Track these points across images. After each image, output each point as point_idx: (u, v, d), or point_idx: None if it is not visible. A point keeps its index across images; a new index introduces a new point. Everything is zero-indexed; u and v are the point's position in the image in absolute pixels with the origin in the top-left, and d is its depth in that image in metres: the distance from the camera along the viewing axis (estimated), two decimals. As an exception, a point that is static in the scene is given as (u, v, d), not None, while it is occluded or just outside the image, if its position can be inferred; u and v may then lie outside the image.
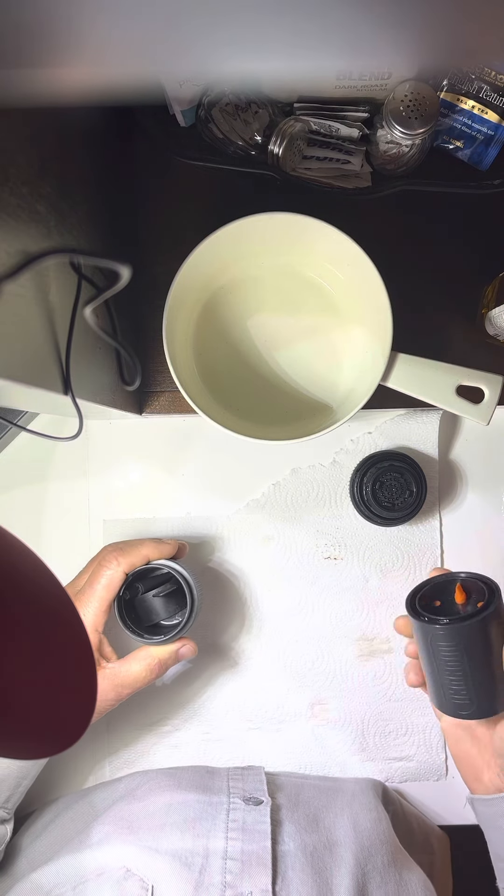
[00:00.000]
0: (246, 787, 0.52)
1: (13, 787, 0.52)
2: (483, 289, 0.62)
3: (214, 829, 0.48)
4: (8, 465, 0.65)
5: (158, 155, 0.61)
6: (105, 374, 0.53)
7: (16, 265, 0.35)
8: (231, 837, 0.47)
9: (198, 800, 0.51)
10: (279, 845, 0.47)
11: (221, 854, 0.46)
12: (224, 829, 0.48)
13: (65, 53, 0.19)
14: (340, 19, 0.18)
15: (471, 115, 0.59)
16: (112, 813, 0.51)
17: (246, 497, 0.65)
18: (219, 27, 0.18)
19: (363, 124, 0.59)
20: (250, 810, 0.49)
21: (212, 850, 0.46)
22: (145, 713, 0.63)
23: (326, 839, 0.49)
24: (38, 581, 0.30)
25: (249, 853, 0.46)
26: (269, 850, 0.46)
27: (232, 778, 0.53)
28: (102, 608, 0.52)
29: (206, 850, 0.46)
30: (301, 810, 0.51)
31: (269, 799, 0.51)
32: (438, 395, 0.54)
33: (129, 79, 0.21)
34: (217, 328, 0.61)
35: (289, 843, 0.47)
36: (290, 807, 0.51)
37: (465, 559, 0.65)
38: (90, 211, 0.51)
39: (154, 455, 0.66)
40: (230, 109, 0.56)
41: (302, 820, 0.49)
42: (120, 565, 0.53)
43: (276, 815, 0.49)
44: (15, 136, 0.38)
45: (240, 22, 0.18)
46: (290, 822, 0.49)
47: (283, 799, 0.52)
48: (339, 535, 0.65)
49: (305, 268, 0.61)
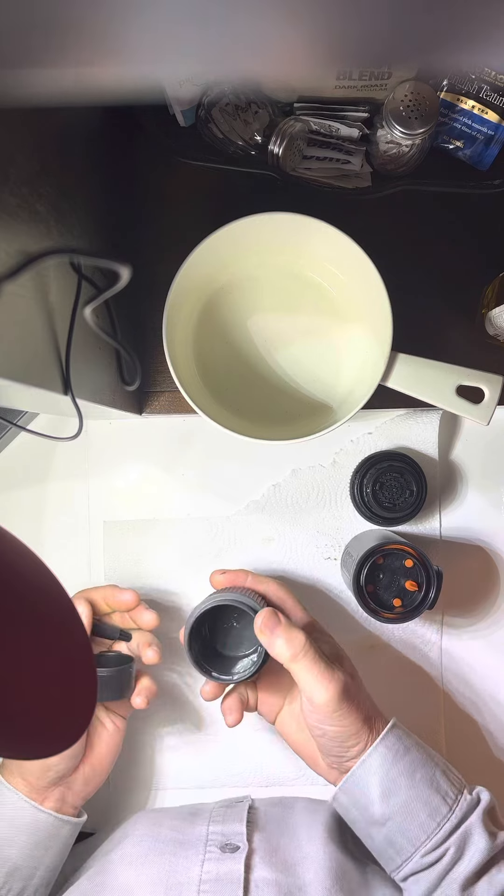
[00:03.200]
0: (225, 830, 0.52)
1: (27, 878, 0.51)
2: (483, 289, 0.62)
3: (188, 883, 0.48)
4: (8, 465, 0.65)
5: (158, 155, 0.61)
6: (105, 374, 0.53)
7: (16, 265, 0.35)
8: (203, 890, 0.47)
9: (173, 850, 0.50)
10: (251, 892, 0.47)
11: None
12: (197, 882, 0.48)
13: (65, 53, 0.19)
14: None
15: (471, 115, 0.59)
16: (92, 867, 0.52)
17: (246, 498, 0.65)
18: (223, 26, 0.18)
19: (363, 124, 0.59)
20: (225, 859, 0.49)
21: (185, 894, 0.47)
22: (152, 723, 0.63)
23: (302, 883, 0.48)
24: (37, 581, 0.30)
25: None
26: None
27: (213, 821, 0.54)
28: None
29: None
30: (279, 854, 0.51)
31: (245, 845, 0.51)
32: (438, 395, 0.54)
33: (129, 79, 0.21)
34: (217, 328, 0.61)
35: (263, 888, 0.47)
36: (268, 850, 0.51)
37: (465, 559, 0.65)
38: (90, 211, 0.51)
39: (154, 455, 0.66)
40: (230, 109, 0.56)
41: (279, 863, 0.50)
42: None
43: (250, 860, 0.49)
44: (15, 136, 0.38)
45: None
46: (265, 867, 0.49)
47: (261, 842, 0.52)
48: (340, 536, 0.65)
49: (305, 268, 0.61)
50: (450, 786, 0.49)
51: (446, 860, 0.46)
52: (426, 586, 0.57)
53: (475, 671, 0.65)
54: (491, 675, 0.65)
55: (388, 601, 0.57)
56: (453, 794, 0.49)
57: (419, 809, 0.48)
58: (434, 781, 0.49)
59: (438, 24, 0.17)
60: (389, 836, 0.48)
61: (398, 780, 0.48)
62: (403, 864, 0.48)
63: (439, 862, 0.47)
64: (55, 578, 0.31)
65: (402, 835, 0.48)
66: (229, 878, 0.47)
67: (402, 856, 0.48)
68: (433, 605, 0.56)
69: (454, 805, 0.48)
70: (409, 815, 0.48)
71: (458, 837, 0.47)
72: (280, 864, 0.49)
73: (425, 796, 0.48)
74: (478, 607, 0.66)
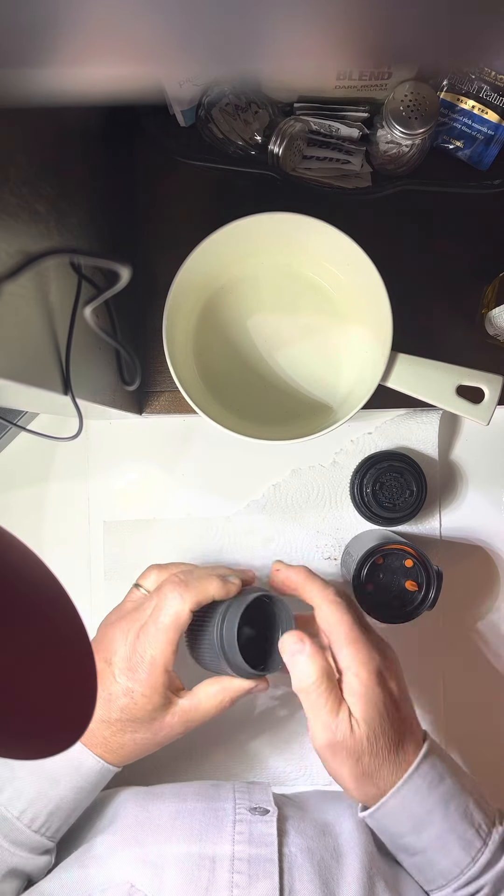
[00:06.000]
0: (252, 798, 0.52)
1: (64, 818, 0.50)
2: (483, 289, 0.62)
3: (220, 840, 0.47)
4: (8, 465, 0.65)
5: (158, 155, 0.61)
6: (105, 374, 0.53)
7: (16, 265, 0.35)
8: (238, 849, 0.47)
9: (203, 810, 0.50)
10: (286, 856, 0.46)
11: (228, 868, 0.46)
12: (231, 841, 0.47)
13: (65, 53, 0.19)
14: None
15: (471, 115, 0.59)
16: (117, 824, 0.51)
17: (246, 498, 0.65)
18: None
19: (363, 124, 0.59)
20: (256, 821, 0.49)
21: (218, 862, 0.46)
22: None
23: (334, 848, 0.48)
24: (38, 581, 0.30)
25: (256, 865, 0.46)
26: (276, 861, 0.46)
27: (238, 791, 0.53)
28: (171, 648, 0.49)
29: (212, 864, 0.46)
30: (308, 819, 0.50)
31: (275, 809, 0.50)
32: (438, 395, 0.54)
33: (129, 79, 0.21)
34: (217, 328, 0.61)
35: (296, 852, 0.47)
36: (297, 817, 0.50)
37: (465, 559, 0.65)
38: (90, 211, 0.51)
39: (154, 455, 0.66)
40: (230, 109, 0.56)
41: (309, 829, 0.49)
42: (185, 604, 0.49)
43: (282, 824, 0.49)
44: (15, 136, 0.38)
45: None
46: (297, 833, 0.49)
47: (291, 810, 0.51)
48: (340, 536, 0.65)
49: (305, 268, 0.61)
50: (483, 817, 0.47)
51: None
52: (426, 586, 0.57)
53: (475, 671, 0.65)
54: (491, 674, 0.65)
55: (388, 601, 0.57)
56: (486, 825, 0.47)
57: (453, 843, 0.46)
58: (468, 813, 0.47)
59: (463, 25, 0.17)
60: (419, 866, 0.48)
61: (433, 812, 0.46)
62: (433, 891, 0.48)
63: None
64: (55, 578, 0.31)
65: (433, 867, 0.47)
66: (261, 840, 0.47)
67: (431, 885, 0.48)
68: (433, 605, 0.56)
69: (487, 838, 0.47)
70: (441, 849, 0.46)
71: (496, 877, 0.46)
72: (311, 830, 0.49)
73: (460, 830, 0.46)
74: (478, 607, 0.66)
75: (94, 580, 0.65)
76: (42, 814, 0.49)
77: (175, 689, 0.51)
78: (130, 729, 0.50)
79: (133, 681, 0.49)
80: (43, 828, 0.49)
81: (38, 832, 0.49)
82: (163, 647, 0.49)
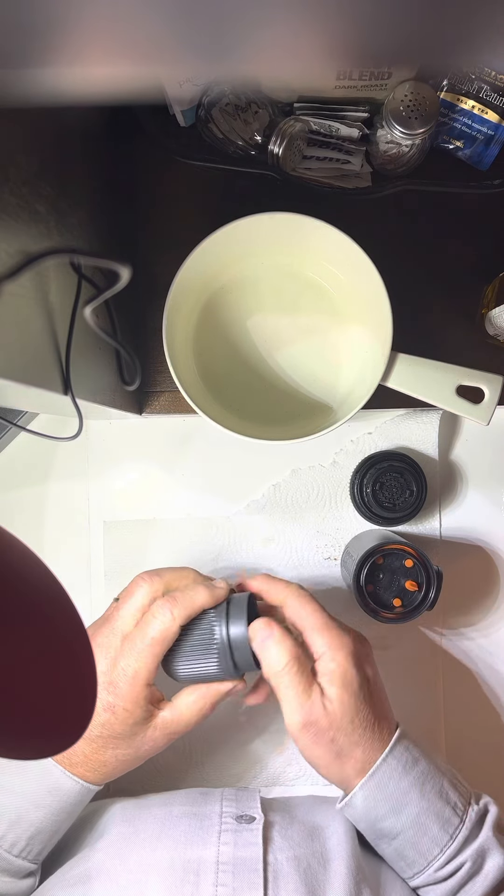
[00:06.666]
0: (239, 805, 0.52)
1: (45, 841, 0.50)
2: (483, 289, 0.62)
3: (205, 848, 0.47)
4: (8, 465, 0.65)
5: (158, 155, 0.61)
6: (105, 374, 0.53)
7: (16, 265, 0.35)
8: (223, 859, 0.46)
9: (190, 818, 0.50)
10: (271, 864, 0.46)
11: (213, 880, 0.45)
12: (216, 850, 0.47)
13: (65, 53, 0.19)
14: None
15: (471, 115, 0.59)
16: (103, 840, 0.50)
17: (246, 498, 0.65)
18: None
19: (363, 124, 0.59)
20: (242, 829, 0.49)
21: (202, 872, 0.46)
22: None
23: (321, 853, 0.48)
24: (38, 581, 0.30)
25: (240, 874, 0.45)
26: (261, 871, 0.46)
27: (226, 798, 0.53)
28: (156, 662, 0.49)
29: (196, 874, 0.46)
30: (297, 824, 0.50)
31: (261, 816, 0.50)
32: (438, 395, 0.54)
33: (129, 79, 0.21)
34: (217, 328, 0.61)
35: (282, 860, 0.46)
36: (285, 822, 0.50)
37: (465, 559, 0.65)
38: (90, 211, 0.51)
39: (154, 455, 0.66)
40: (230, 109, 0.56)
41: (296, 835, 0.49)
42: (175, 620, 0.48)
43: (268, 832, 0.49)
44: (15, 136, 0.38)
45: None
46: (283, 839, 0.48)
47: (279, 815, 0.51)
48: (340, 536, 0.65)
49: (305, 268, 0.61)
50: (458, 796, 0.48)
51: (461, 874, 0.46)
52: (426, 586, 0.57)
53: (475, 671, 0.65)
54: (491, 675, 0.65)
55: (388, 601, 0.57)
56: (462, 804, 0.48)
57: (431, 823, 0.47)
58: (443, 792, 0.48)
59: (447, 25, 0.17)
60: (400, 850, 0.48)
61: (409, 793, 0.47)
62: (415, 875, 0.48)
63: (454, 876, 0.46)
64: (55, 578, 0.31)
65: (414, 848, 0.47)
66: (246, 849, 0.47)
67: (413, 868, 0.48)
68: (433, 605, 0.56)
69: (464, 816, 0.47)
70: (420, 829, 0.47)
71: (475, 853, 0.46)
72: (297, 836, 0.48)
73: (437, 808, 0.47)
74: (478, 607, 0.66)
75: (94, 580, 0.65)
76: (22, 839, 0.48)
77: (156, 700, 0.50)
78: (112, 745, 0.49)
79: (114, 695, 0.48)
80: (24, 852, 0.49)
81: (19, 856, 0.48)
82: (147, 661, 0.48)
